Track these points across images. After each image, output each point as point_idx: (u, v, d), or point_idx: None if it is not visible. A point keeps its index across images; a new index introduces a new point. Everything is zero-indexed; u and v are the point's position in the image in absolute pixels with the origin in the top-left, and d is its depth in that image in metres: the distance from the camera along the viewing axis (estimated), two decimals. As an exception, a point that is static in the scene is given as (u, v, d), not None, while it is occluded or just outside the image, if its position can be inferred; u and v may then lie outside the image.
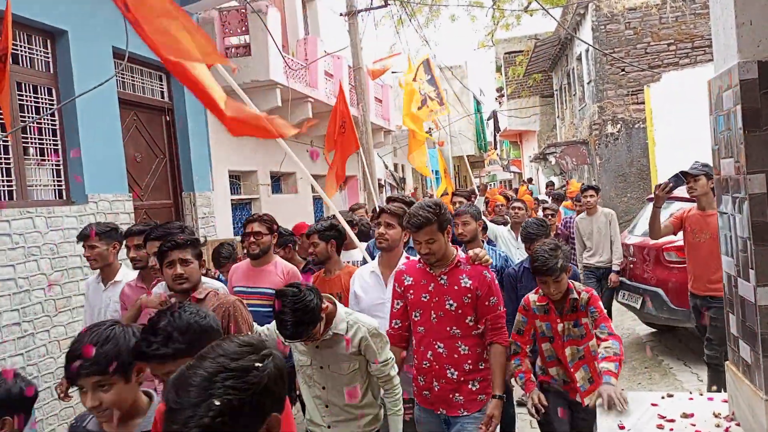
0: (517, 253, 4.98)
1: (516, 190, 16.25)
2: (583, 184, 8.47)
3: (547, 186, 16.79)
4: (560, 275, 2.83)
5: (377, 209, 3.86)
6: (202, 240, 3.06)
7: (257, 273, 3.79)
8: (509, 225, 5.70)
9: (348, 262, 4.07)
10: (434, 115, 10.73)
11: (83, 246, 3.74)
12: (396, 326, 2.89)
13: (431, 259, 2.74)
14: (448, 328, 2.72)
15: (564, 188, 13.27)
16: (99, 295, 3.77)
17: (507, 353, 2.81)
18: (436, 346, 2.75)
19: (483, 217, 5.28)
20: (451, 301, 2.70)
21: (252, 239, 3.76)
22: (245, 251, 3.87)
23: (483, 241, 4.30)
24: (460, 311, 2.69)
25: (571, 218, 7.21)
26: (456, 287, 2.70)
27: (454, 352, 2.73)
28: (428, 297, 2.75)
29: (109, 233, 3.73)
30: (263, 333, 2.85)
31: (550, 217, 7.13)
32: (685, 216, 4.40)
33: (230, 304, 2.68)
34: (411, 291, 2.80)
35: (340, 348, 2.61)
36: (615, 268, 6.17)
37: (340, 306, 2.66)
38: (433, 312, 2.74)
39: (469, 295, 2.69)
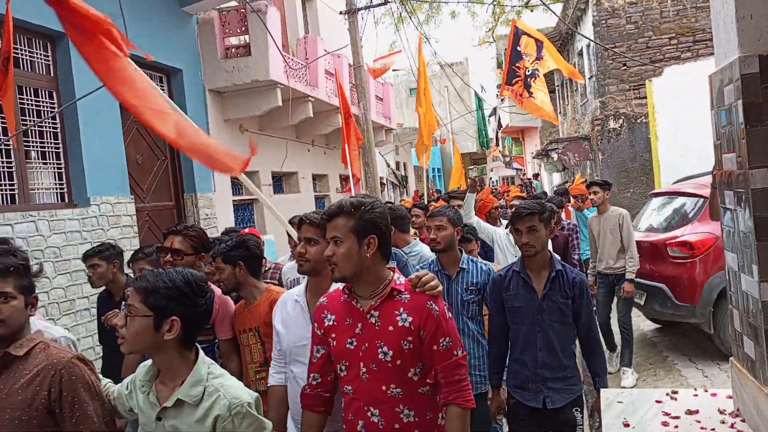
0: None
1: (527, 186, 16.09)
2: (585, 180, 7.94)
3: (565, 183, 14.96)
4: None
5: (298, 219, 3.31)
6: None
7: None
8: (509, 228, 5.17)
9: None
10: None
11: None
12: (314, 382, 2.08)
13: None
14: (384, 387, 1.92)
15: (567, 184, 13.24)
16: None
17: (468, 419, 1.98)
18: (370, 414, 1.94)
19: (475, 218, 4.87)
20: (385, 348, 1.90)
21: (169, 258, 2.85)
22: None
23: (475, 251, 3.87)
24: (398, 362, 1.90)
25: (570, 224, 6.32)
26: (391, 327, 1.90)
27: (395, 420, 1.93)
28: (355, 343, 1.94)
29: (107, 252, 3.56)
30: (116, 395, 1.95)
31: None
32: None
33: (63, 366, 1.80)
34: (333, 335, 1.99)
35: (186, 423, 1.73)
36: (628, 275, 5.30)
37: (203, 357, 1.84)
38: (362, 364, 1.93)
39: (410, 338, 1.89)
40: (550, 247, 5.36)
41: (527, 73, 8.15)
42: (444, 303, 1.99)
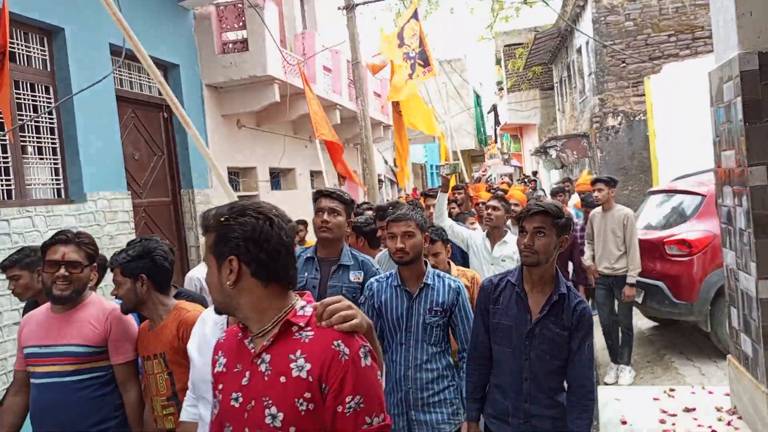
0: (491, 270, 3.97)
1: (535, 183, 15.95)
2: (594, 175, 7.58)
3: (564, 182, 13.57)
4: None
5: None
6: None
7: (61, 323, 2.45)
8: (486, 231, 4.37)
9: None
10: (421, 78, 9.56)
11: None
12: None
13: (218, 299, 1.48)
14: None
15: (565, 182, 13.20)
16: None
17: None
18: None
19: (449, 220, 4.33)
20: (274, 409, 1.35)
21: (63, 272, 2.40)
22: (48, 290, 2.47)
23: (444, 257, 3.39)
24: (292, 430, 1.33)
25: (580, 222, 6.05)
26: (283, 379, 1.35)
27: None
28: (240, 400, 1.41)
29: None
30: None
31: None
32: None
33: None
34: (221, 385, 1.47)
35: None
36: (630, 279, 5.12)
37: None
38: (247, 431, 1.38)
39: (309, 395, 1.33)
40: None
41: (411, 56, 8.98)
42: (361, 344, 1.36)
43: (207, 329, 2.04)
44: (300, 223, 6.76)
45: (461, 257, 4.48)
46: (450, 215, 5.65)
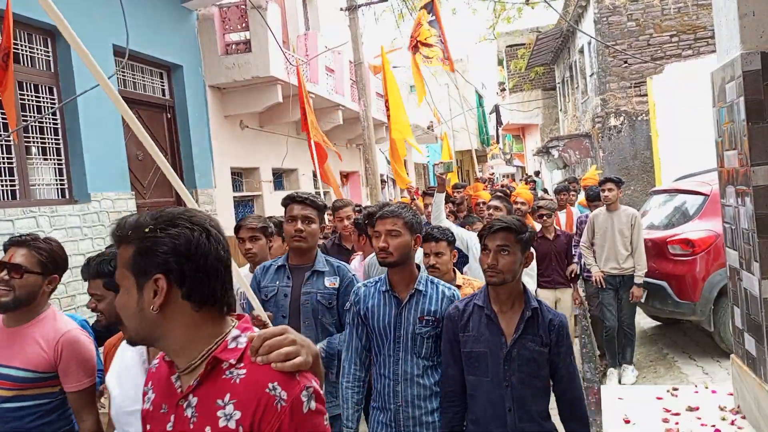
0: None
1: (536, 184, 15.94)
2: (601, 173, 7.46)
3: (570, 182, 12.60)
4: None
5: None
6: None
7: (8, 339, 2.17)
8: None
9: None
10: (433, 63, 8.67)
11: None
12: None
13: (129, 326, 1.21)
14: None
15: (565, 182, 13.14)
16: None
17: None
18: None
19: (447, 221, 4.13)
20: None
21: (4, 276, 2.14)
22: None
23: (449, 260, 3.15)
24: None
25: (586, 216, 5.85)
26: (208, 429, 1.13)
27: None
28: None
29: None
30: None
31: (545, 218, 5.46)
32: None
33: None
34: (148, 426, 1.27)
35: None
36: (638, 279, 5.14)
37: None
38: None
39: None
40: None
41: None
42: (304, 384, 1.11)
43: (127, 356, 1.78)
44: None
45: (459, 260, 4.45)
46: (456, 218, 5.59)
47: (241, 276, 2.13)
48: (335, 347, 2.63)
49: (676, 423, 2.21)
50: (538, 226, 5.66)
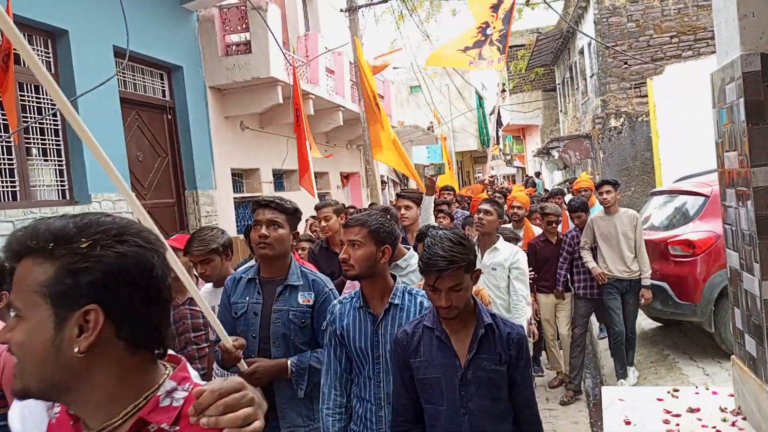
0: (482, 280, 3.52)
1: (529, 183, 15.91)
2: (593, 176, 7.27)
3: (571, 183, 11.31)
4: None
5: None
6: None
7: None
8: (476, 237, 4.11)
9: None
10: (491, 66, 7.43)
11: None
12: None
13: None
14: None
15: (566, 183, 13.10)
16: None
17: None
18: None
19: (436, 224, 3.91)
20: None
21: None
22: None
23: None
24: None
25: (575, 230, 5.50)
26: None
27: None
28: None
29: None
30: None
31: (553, 224, 5.46)
32: None
33: None
34: None
35: None
36: (646, 282, 5.10)
37: None
38: None
39: None
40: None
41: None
42: None
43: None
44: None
45: None
46: (452, 221, 5.47)
47: (202, 300, 1.87)
48: (306, 362, 2.42)
49: (677, 424, 2.21)
50: (537, 230, 5.67)
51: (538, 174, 21.75)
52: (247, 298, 2.48)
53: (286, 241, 2.44)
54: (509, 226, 5.43)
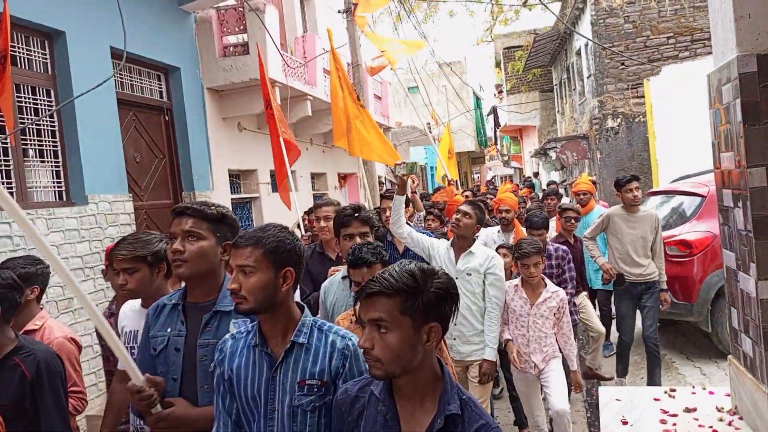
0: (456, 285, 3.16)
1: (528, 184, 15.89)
2: (595, 178, 6.82)
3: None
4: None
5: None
6: None
7: None
8: (451, 240, 3.85)
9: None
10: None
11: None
12: None
13: None
14: None
15: (562, 184, 13.10)
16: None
17: None
18: None
19: (407, 227, 3.78)
20: None
21: None
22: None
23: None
24: None
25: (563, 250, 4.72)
26: None
27: None
28: None
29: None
30: None
31: (573, 221, 5.16)
32: None
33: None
34: None
35: None
36: (664, 285, 4.85)
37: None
38: None
39: None
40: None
41: None
42: None
43: None
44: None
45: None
46: (443, 224, 5.22)
47: (101, 320, 1.65)
48: None
49: (674, 424, 2.22)
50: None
51: (536, 174, 21.79)
52: (168, 330, 1.98)
53: (211, 255, 1.96)
54: (496, 229, 5.11)
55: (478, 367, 3.57)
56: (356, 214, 3.15)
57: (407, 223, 3.92)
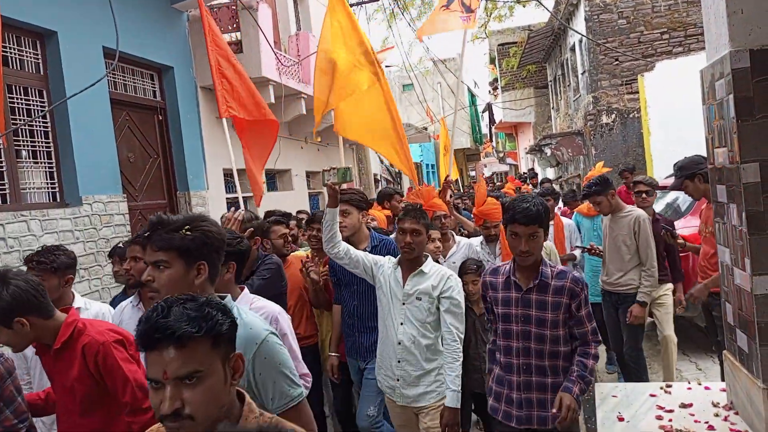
0: (400, 313, 2.98)
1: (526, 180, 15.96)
2: (612, 168, 6.12)
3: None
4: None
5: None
6: None
7: None
8: (398, 259, 3.16)
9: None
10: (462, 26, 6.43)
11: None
12: None
13: None
14: None
15: (560, 179, 13.11)
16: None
17: None
18: None
19: (344, 245, 3.14)
20: None
21: None
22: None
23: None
24: None
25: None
26: None
27: None
28: None
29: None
30: None
31: (645, 195, 4.64)
32: None
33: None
34: None
35: None
36: (641, 297, 4.12)
37: None
38: None
39: None
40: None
41: None
42: None
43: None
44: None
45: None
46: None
47: None
48: None
49: (670, 420, 2.22)
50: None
51: (532, 170, 21.84)
52: None
53: (181, 282, 1.80)
54: (479, 239, 4.38)
55: (431, 415, 2.92)
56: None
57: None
